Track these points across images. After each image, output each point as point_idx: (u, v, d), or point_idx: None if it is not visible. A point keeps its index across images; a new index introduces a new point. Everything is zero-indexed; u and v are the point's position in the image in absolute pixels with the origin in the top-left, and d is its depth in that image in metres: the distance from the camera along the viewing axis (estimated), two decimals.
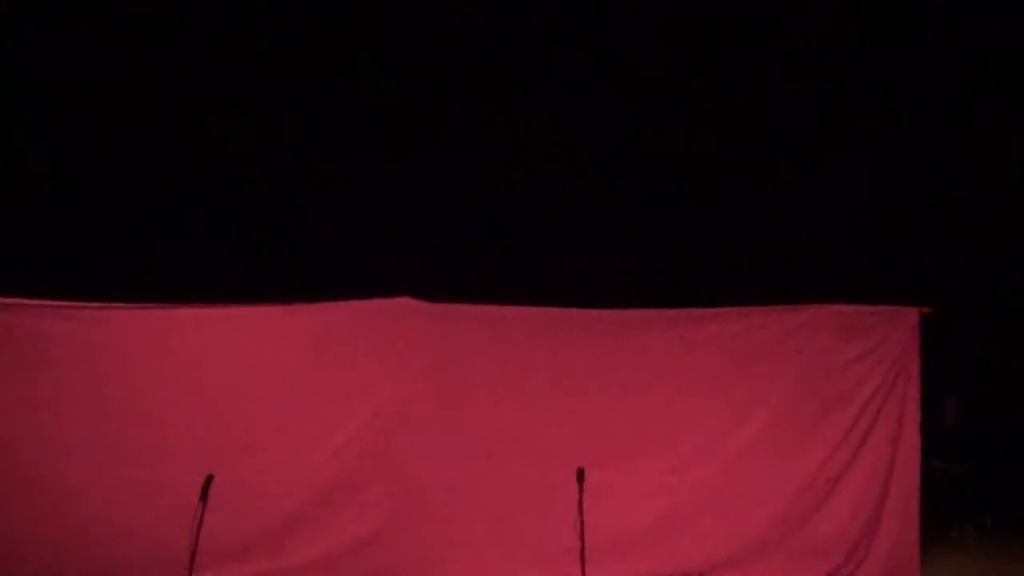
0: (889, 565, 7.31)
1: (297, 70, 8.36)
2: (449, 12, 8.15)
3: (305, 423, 6.87)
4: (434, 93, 8.49)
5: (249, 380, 6.88)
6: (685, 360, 7.37)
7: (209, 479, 6.31)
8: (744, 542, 7.17)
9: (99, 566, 6.43)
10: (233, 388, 6.84)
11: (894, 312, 7.53)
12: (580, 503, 6.40)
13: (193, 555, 6.20)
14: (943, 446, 9.32)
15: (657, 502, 7.12)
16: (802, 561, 7.22)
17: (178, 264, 7.91)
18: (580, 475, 6.49)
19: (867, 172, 9.24)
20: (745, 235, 9.12)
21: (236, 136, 8.19)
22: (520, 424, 7.07)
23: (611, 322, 7.32)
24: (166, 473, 6.55)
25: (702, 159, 8.90)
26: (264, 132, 8.33)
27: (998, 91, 8.80)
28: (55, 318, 6.65)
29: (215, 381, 6.83)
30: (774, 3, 8.38)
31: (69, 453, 6.50)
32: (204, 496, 6.28)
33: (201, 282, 7.36)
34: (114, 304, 6.80)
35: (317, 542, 6.76)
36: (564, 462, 6.63)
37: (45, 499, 6.44)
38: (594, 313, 7.33)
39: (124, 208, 8.10)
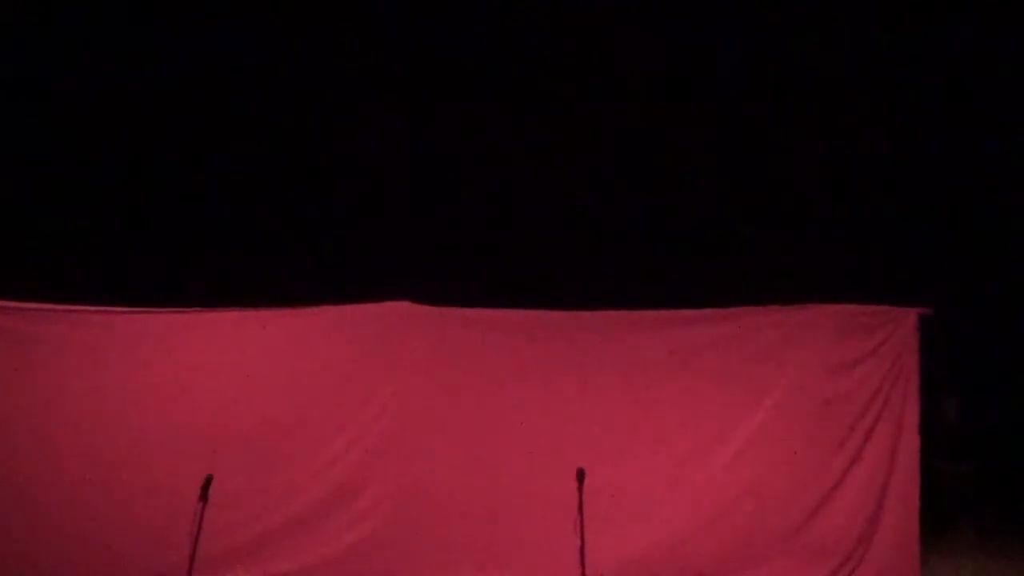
0: (889, 565, 7.29)
1: (298, 72, 8.38)
2: (450, 14, 8.17)
3: (304, 427, 6.88)
4: (433, 97, 8.51)
5: (248, 384, 6.89)
6: (685, 361, 7.35)
7: (209, 479, 6.30)
8: (744, 542, 7.16)
9: (99, 567, 6.44)
10: (232, 392, 6.85)
11: (894, 312, 7.50)
12: (580, 503, 6.39)
13: (193, 556, 6.20)
14: (943, 446, 9.31)
15: (657, 502, 7.12)
16: (802, 561, 7.21)
17: (178, 268, 7.94)
18: (580, 476, 6.48)
19: (867, 172, 9.25)
20: (745, 235, 9.13)
21: (236, 139, 8.22)
22: (519, 426, 7.08)
23: (610, 324, 7.32)
24: (166, 474, 6.57)
25: (701, 161, 8.92)
26: (264, 135, 8.35)
27: (997, 91, 8.82)
28: (52, 321, 6.66)
29: (214, 384, 6.85)
30: (775, 4, 8.40)
31: (69, 455, 6.52)
32: (204, 496, 6.27)
33: (201, 286, 7.39)
34: (114, 308, 6.81)
35: (317, 545, 6.76)
36: (563, 463, 6.62)
37: (45, 501, 6.46)
38: (593, 315, 7.33)
39: (123, 210, 8.12)
